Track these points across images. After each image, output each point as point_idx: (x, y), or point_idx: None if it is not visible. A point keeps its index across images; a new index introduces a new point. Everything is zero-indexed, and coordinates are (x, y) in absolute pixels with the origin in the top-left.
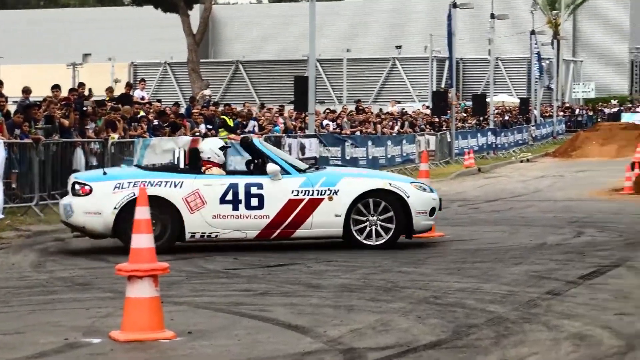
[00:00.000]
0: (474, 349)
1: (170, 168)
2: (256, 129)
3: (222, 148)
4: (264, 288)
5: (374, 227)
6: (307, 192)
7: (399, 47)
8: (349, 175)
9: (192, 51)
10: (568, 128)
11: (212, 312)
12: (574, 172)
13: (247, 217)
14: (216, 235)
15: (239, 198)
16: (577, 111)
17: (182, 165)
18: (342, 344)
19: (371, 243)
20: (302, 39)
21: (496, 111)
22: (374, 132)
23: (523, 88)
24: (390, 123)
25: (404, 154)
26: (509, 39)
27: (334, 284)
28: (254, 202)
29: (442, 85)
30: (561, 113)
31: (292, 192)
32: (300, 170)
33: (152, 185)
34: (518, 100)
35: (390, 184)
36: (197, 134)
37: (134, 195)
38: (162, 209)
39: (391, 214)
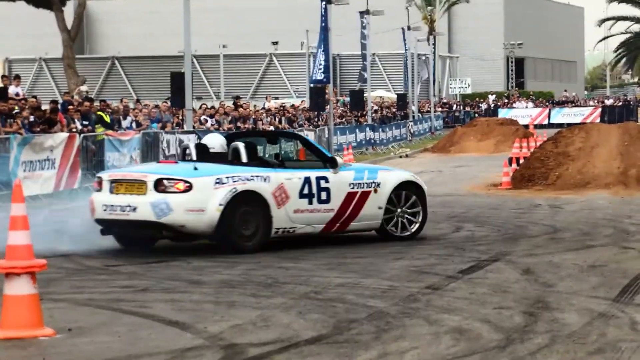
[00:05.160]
0: (355, 343)
1: (254, 162)
2: (134, 125)
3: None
4: (144, 284)
5: (400, 219)
6: (359, 184)
7: (275, 43)
8: (380, 169)
9: (67, 47)
10: (446, 124)
11: (92, 308)
12: (452, 168)
13: (318, 211)
14: (294, 231)
15: (313, 192)
16: (454, 107)
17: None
18: (223, 340)
19: (399, 234)
20: (178, 35)
21: (374, 107)
22: (253, 127)
23: (400, 84)
24: (269, 119)
25: (283, 151)
26: (386, 34)
27: (214, 279)
28: (323, 195)
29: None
30: (439, 109)
31: (349, 185)
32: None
33: (247, 180)
34: (395, 96)
35: (413, 177)
36: (74, 130)
37: (236, 190)
38: (255, 205)
39: (419, 208)
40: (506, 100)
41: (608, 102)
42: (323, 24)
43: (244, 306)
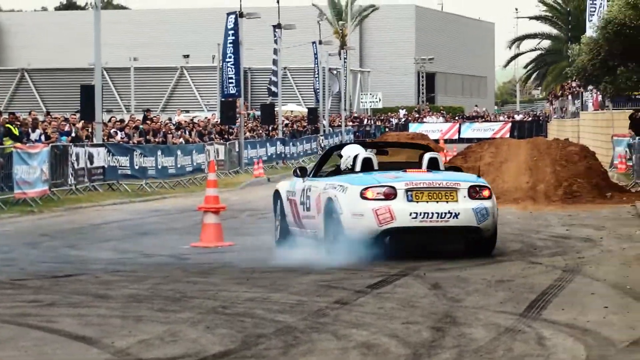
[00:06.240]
0: (263, 358)
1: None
2: (42, 138)
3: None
4: (51, 299)
5: None
6: None
7: (186, 56)
8: None
9: None
10: (356, 138)
11: None
12: None
13: None
14: None
15: None
16: (365, 121)
17: None
18: (130, 355)
19: None
20: (88, 47)
21: (285, 121)
22: (163, 141)
23: (311, 98)
24: (179, 132)
25: (195, 164)
26: (297, 49)
27: (121, 294)
28: None
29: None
30: (350, 123)
31: None
32: None
33: None
34: (306, 110)
35: None
36: None
37: None
38: None
39: None
40: (417, 115)
41: (518, 117)
42: (233, 38)
43: (151, 321)
